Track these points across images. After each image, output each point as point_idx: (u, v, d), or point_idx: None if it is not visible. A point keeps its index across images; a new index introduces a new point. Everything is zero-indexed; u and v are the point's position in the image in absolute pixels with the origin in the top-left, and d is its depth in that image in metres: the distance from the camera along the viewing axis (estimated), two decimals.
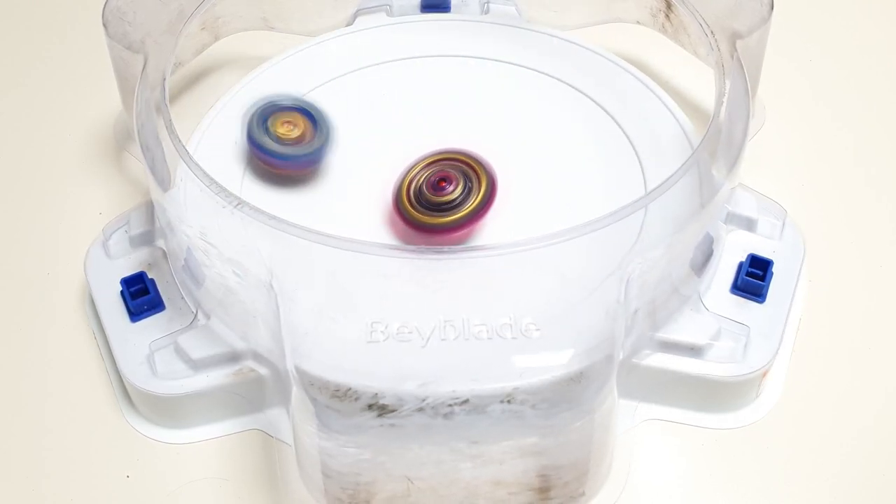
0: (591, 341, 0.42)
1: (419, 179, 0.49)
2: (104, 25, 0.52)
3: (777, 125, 0.59)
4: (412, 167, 0.50)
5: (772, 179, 0.56)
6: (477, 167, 0.49)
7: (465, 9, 0.60)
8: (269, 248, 0.43)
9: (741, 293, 0.49)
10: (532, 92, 0.56)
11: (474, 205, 0.48)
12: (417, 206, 0.48)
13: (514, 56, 0.57)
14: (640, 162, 0.52)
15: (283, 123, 0.51)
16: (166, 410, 0.47)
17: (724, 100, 0.48)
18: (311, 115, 0.51)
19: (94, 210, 0.55)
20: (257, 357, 0.46)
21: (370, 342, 0.42)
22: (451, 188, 0.48)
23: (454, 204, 0.48)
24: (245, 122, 0.51)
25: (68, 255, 0.53)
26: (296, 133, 0.51)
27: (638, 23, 0.58)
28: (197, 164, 0.45)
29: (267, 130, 0.50)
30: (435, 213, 0.48)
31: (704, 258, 0.48)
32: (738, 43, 0.50)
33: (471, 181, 0.49)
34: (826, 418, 0.48)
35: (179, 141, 0.46)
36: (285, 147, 0.50)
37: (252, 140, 0.50)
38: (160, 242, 0.50)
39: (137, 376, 0.46)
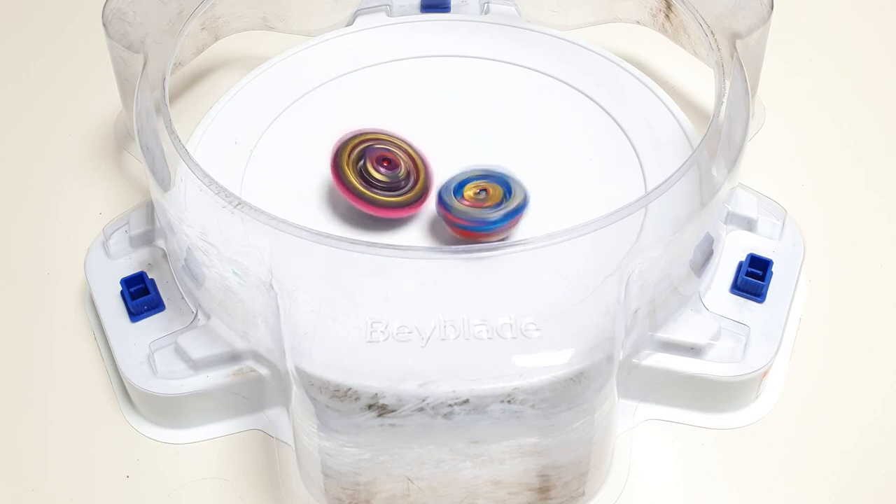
0: (591, 341, 0.42)
1: (359, 151, 0.48)
2: (104, 25, 0.52)
3: (777, 125, 0.59)
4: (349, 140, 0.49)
5: (772, 179, 0.56)
6: (418, 162, 0.49)
7: (465, 9, 0.60)
8: (269, 248, 0.43)
9: (741, 293, 0.49)
10: (532, 92, 0.56)
11: (412, 195, 0.48)
12: (359, 177, 0.48)
13: (514, 56, 0.57)
14: (640, 162, 0.52)
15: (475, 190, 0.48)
16: (166, 410, 0.47)
17: (724, 100, 0.48)
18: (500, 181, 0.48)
19: (94, 210, 0.55)
20: (257, 357, 0.46)
21: (370, 342, 0.42)
22: (395, 171, 0.48)
23: (393, 187, 0.48)
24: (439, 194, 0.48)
25: (68, 255, 0.53)
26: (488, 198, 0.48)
27: (638, 23, 0.58)
28: (197, 164, 0.45)
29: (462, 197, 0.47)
30: (375, 190, 0.48)
31: (704, 258, 0.48)
32: (738, 43, 0.50)
33: (411, 173, 0.49)
34: (826, 418, 0.48)
35: (179, 141, 0.46)
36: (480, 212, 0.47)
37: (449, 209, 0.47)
38: (160, 242, 0.50)
39: (137, 376, 0.46)
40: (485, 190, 0.48)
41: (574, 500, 0.44)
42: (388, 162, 0.48)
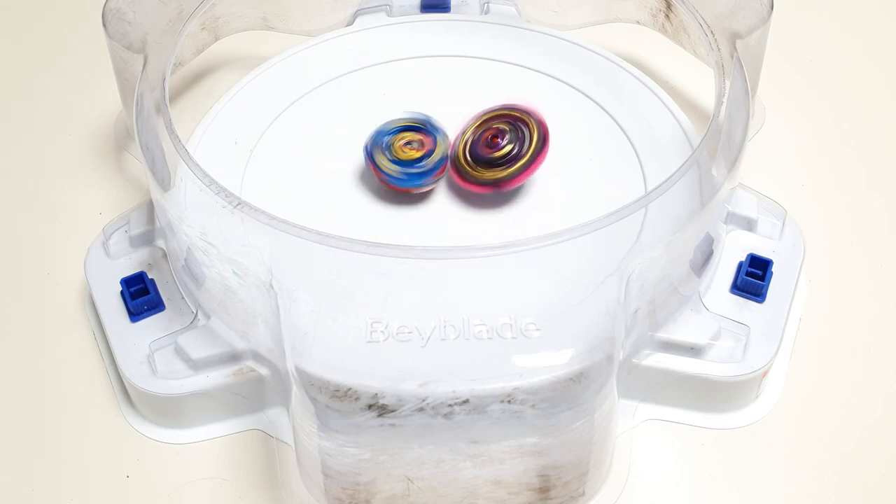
0: (591, 341, 0.42)
1: (472, 139, 0.50)
2: (104, 25, 0.52)
3: (777, 125, 0.59)
4: (465, 130, 0.51)
5: (772, 179, 0.56)
6: (525, 117, 0.50)
7: (465, 9, 0.60)
8: (269, 247, 0.43)
9: (741, 293, 0.49)
10: (532, 92, 0.56)
11: (529, 154, 0.50)
12: (473, 164, 0.50)
13: (514, 56, 0.57)
14: (640, 162, 0.52)
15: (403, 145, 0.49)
16: (166, 410, 0.47)
17: (724, 100, 0.48)
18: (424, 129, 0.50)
19: (94, 210, 0.55)
20: (257, 357, 0.46)
21: (370, 342, 0.42)
22: (503, 142, 0.49)
23: (510, 157, 0.49)
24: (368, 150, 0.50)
25: (68, 255, 0.53)
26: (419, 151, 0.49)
27: (638, 23, 0.58)
28: (197, 164, 0.45)
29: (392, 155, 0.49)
30: (492, 168, 0.49)
31: (704, 258, 0.48)
32: (738, 43, 0.50)
33: (521, 132, 0.50)
34: (826, 418, 0.48)
35: (179, 141, 0.46)
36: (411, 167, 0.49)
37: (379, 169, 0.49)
38: (160, 242, 0.50)
39: (137, 376, 0.46)
40: (413, 142, 0.49)
41: (574, 500, 0.44)
42: (496, 137, 0.50)
